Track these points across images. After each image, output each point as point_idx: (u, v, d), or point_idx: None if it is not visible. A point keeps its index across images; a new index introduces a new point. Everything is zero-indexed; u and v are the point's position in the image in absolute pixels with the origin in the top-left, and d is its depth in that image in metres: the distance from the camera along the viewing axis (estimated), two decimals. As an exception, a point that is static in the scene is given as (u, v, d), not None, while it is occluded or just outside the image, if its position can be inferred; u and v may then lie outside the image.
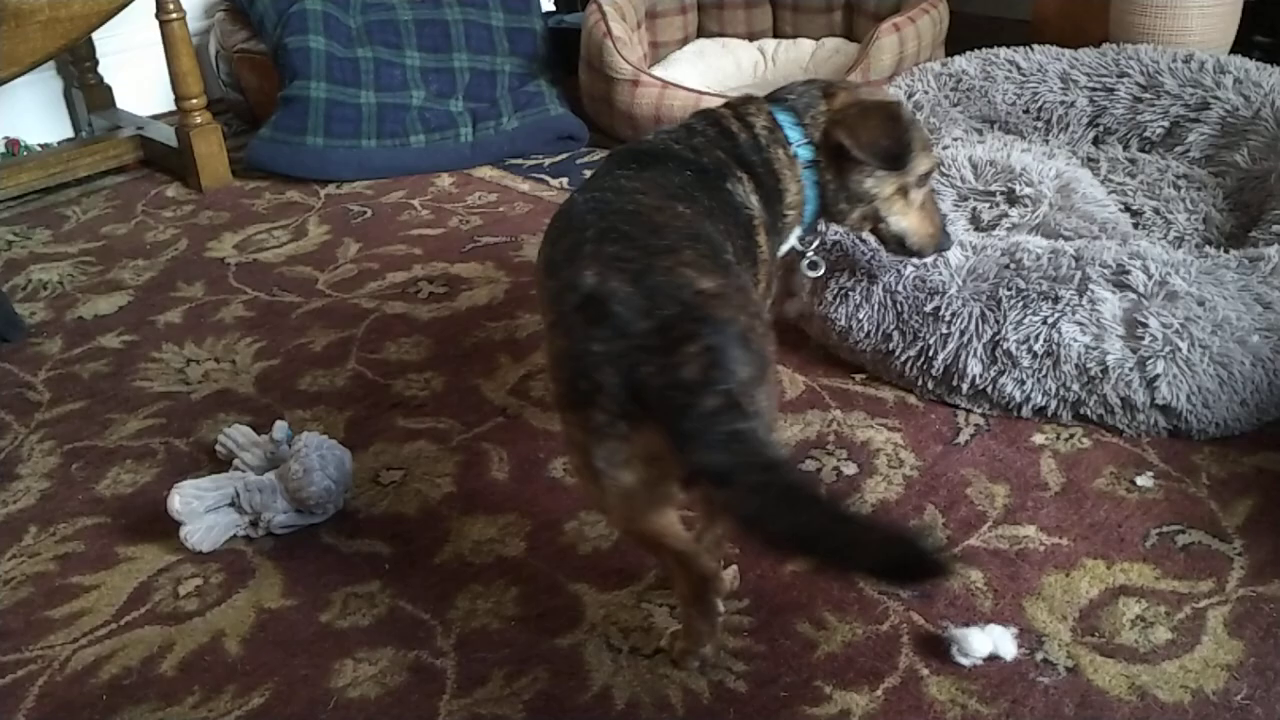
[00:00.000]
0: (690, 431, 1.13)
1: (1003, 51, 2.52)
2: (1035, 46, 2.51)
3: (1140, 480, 1.63)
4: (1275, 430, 1.71)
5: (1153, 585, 1.45)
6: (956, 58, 2.55)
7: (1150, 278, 1.71)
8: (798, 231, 1.66)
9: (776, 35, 3.40)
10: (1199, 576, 1.46)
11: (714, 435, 1.13)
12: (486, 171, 2.97)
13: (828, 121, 1.62)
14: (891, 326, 1.84)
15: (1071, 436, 1.73)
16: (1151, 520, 1.56)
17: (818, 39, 3.29)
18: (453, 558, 1.58)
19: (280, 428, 1.76)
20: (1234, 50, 2.73)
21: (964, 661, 1.34)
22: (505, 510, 1.67)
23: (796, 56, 3.24)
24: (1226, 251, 1.81)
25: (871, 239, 1.78)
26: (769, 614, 1.44)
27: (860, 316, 1.86)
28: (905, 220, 1.70)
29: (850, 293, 1.88)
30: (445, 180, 2.93)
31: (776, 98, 1.66)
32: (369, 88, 2.97)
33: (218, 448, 1.80)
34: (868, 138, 1.60)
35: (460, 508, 1.68)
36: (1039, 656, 1.35)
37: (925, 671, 1.34)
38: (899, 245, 1.72)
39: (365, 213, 2.76)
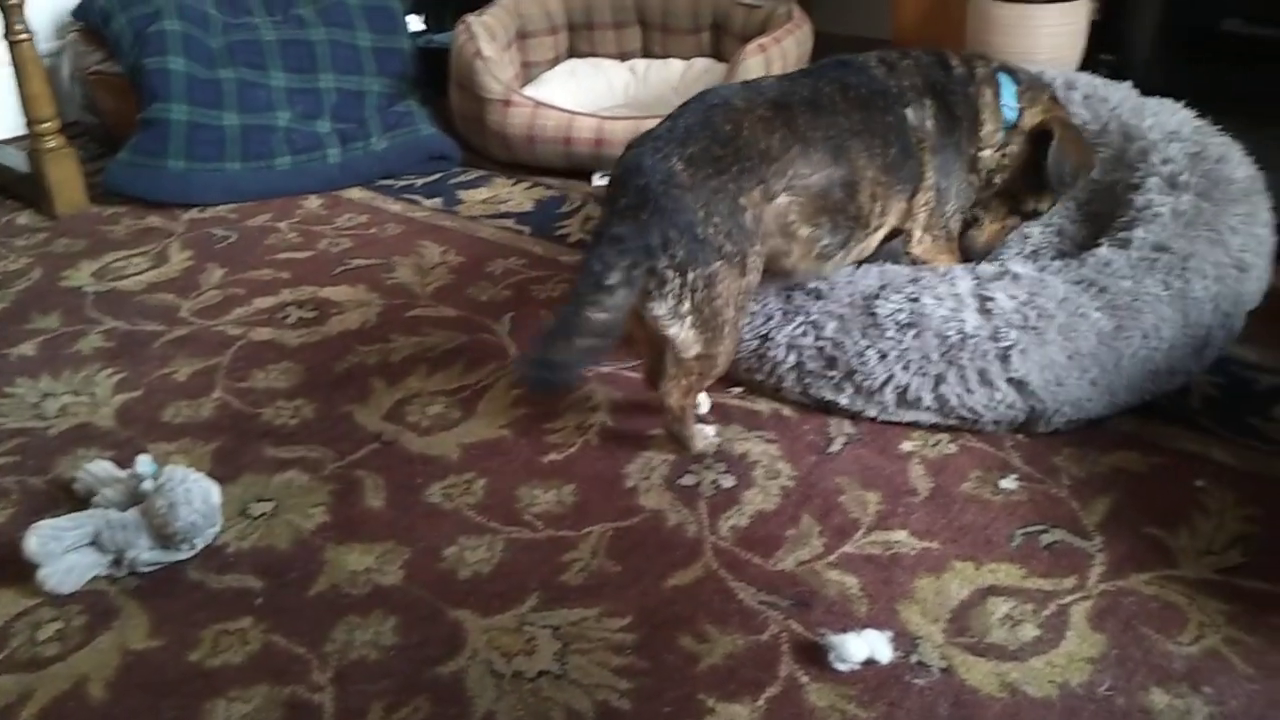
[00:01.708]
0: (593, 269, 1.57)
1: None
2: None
3: (1004, 483, 1.69)
4: (1128, 428, 1.79)
5: (1019, 584, 1.50)
6: (821, 76, 2.60)
7: (993, 264, 1.86)
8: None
9: (647, 55, 3.43)
10: (1062, 574, 1.51)
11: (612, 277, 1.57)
12: (356, 193, 2.92)
13: (1045, 112, 1.97)
14: (775, 308, 1.88)
15: (938, 443, 1.78)
16: (1016, 521, 1.61)
17: (687, 59, 3.33)
18: (328, 589, 1.55)
19: (143, 461, 1.70)
20: (1082, 68, 2.86)
21: (842, 667, 1.37)
22: (382, 538, 1.64)
23: (667, 76, 3.27)
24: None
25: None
26: (651, 630, 1.45)
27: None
28: (990, 231, 2.05)
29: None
30: (313, 202, 2.87)
31: (1007, 66, 1.99)
32: (232, 109, 2.90)
33: (76, 485, 1.72)
34: (1064, 155, 1.94)
35: (335, 538, 1.64)
36: (914, 659, 1.38)
37: (805, 679, 1.36)
38: (970, 245, 2.03)
39: (230, 237, 2.69)
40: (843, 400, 1.84)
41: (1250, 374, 1.93)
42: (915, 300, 1.80)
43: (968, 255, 2.01)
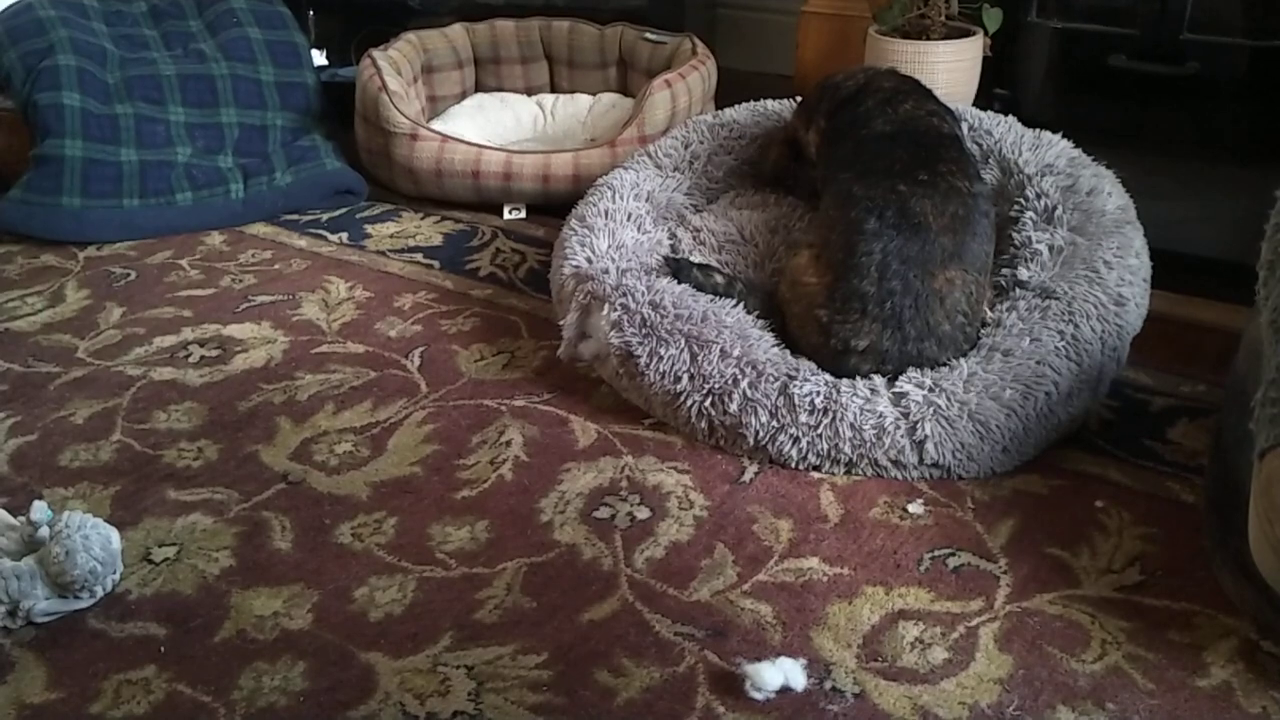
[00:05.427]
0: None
1: (770, 103, 2.63)
2: (799, 98, 2.63)
3: (912, 507, 1.72)
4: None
5: (928, 607, 1.52)
6: (727, 109, 2.65)
7: None
8: None
9: (554, 90, 3.44)
10: (970, 596, 1.54)
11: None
12: (260, 228, 2.88)
13: None
14: (684, 370, 1.87)
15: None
16: (924, 545, 1.64)
17: (594, 94, 3.35)
18: (234, 635, 1.51)
19: (38, 508, 1.64)
20: (977, 101, 2.94)
21: (758, 696, 1.37)
22: (290, 581, 1.60)
23: (574, 111, 3.29)
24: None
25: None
26: (567, 666, 1.44)
27: (661, 353, 1.89)
28: None
29: (654, 331, 1.91)
30: (216, 238, 2.82)
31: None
32: (130, 145, 2.84)
33: (-34, 534, 1.66)
34: None
35: (241, 582, 1.61)
36: (828, 685, 1.40)
37: (722, 709, 1.37)
38: None
39: (129, 275, 2.62)
40: (757, 461, 1.85)
41: (1143, 396, 2.00)
42: (833, 384, 1.80)
43: None
